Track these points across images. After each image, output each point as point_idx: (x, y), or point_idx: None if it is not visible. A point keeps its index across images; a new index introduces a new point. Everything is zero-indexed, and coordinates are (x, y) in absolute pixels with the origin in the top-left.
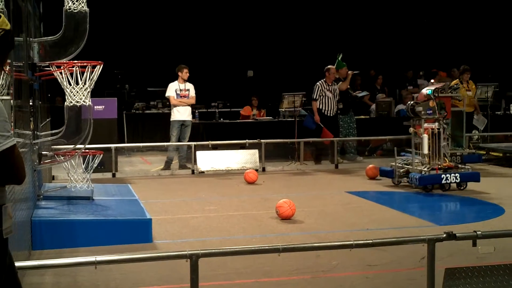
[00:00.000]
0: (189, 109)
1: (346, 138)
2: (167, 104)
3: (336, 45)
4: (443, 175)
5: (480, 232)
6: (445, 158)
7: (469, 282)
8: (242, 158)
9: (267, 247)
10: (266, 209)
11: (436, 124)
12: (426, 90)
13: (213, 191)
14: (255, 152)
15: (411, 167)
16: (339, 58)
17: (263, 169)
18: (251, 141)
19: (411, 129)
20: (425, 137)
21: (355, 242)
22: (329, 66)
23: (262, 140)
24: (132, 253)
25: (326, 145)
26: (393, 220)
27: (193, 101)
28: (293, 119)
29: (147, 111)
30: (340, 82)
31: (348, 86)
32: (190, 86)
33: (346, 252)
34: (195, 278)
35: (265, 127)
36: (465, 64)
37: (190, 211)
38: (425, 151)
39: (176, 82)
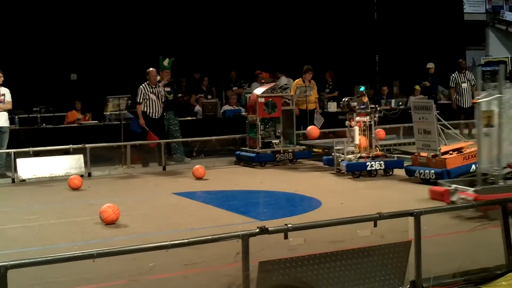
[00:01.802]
0: (5, 114)
1: (173, 140)
2: None
3: (160, 48)
4: (368, 163)
5: (290, 225)
6: (376, 148)
7: (281, 274)
8: (67, 164)
9: (80, 254)
10: (90, 215)
11: (368, 117)
12: (260, 90)
13: (35, 199)
14: (80, 157)
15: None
16: (165, 62)
17: (89, 174)
18: (75, 146)
19: (347, 122)
20: (356, 128)
21: (171, 242)
22: (149, 69)
23: (87, 145)
24: None
25: (153, 148)
26: (218, 218)
27: (9, 106)
28: (119, 123)
29: None
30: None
31: (168, 89)
32: (5, 90)
33: (164, 253)
34: None
35: (91, 131)
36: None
37: (9, 222)
38: (356, 141)
39: None
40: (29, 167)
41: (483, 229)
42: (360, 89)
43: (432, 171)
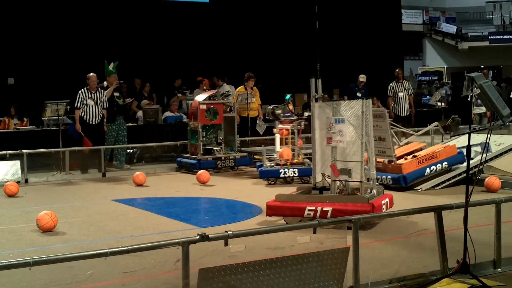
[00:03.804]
0: None
1: (112, 146)
2: None
3: (101, 52)
4: (281, 170)
5: (231, 232)
6: (299, 155)
7: (222, 281)
8: (3, 170)
9: (16, 262)
10: (26, 222)
11: (291, 125)
12: (202, 97)
13: None
14: (16, 163)
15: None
16: (110, 67)
17: (26, 181)
18: (11, 151)
19: (274, 130)
20: (278, 136)
21: (110, 250)
22: (89, 74)
23: (24, 151)
24: None
25: (92, 154)
26: (159, 225)
27: None
28: (57, 128)
29: None
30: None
31: (117, 94)
32: None
33: (103, 261)
34: None
35: (28, 136)
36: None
37: None
38: (277, 148)
39: None
40: None
41: (418, 235)
42: (286, 97)
43: (389, 176)
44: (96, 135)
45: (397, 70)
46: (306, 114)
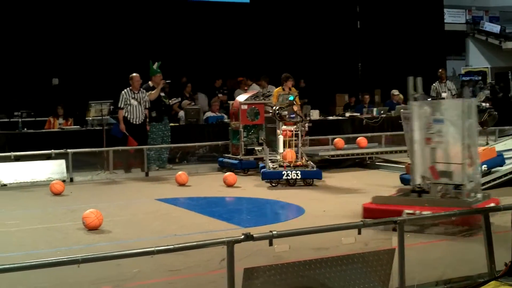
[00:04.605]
0: None
1: (156, 145)
2: None
3: (146, 52)
4: (284, 172)
5: (275, 232)
6: (303, 157)
7: (266, 280)
8: (49, 169)
9: (65, 259)
10: (72, 220)
11: (295, 127)
12: (243, 97)
13: (16, 204)
14: (62, 163)
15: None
16: (154, 66)
17: (71, 180)
18: (57, 151)
19: (278, 131)
20: (281, 137)
21: (156, 248)
22: (132, 74)
23: (69, 150)
24: None
25: (135, 153)
26: (202, 225)
27: None
28: (101, 128)
29: None
30: (150, 91)
31: (162, 94)
32: None
33: (149, 259)
34: None
35: (72, 136)
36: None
37: None
38: (280, 150)
39: None
40: (11, 172)
41: (466, 237)
42: (290, 98)
43: None
44: (139, 135)
45: (440, 70)
46: (347, 114)
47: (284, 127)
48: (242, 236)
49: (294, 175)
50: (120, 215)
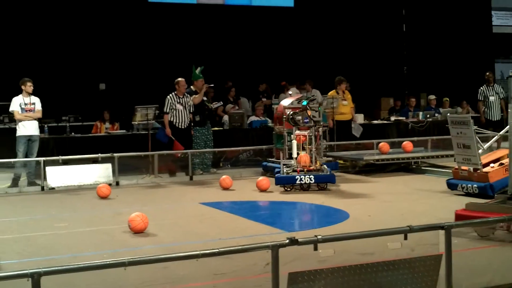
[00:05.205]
0: (35, 123)
1: (200, 149)
2: (14, 119)
3: (190, 57)
4: (297, 176)
5: (320, 237)
6: (317, 162)
7: (311, 285)
8: (95, 173)
9: (112, 262)
10: (118, 223)
11: (308, 131)
12: (287, 101)
13: (64, 207)
14: (108, 166)
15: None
16: (197, 71)
17: (117, 183)
18: (103, 155)
19: (292, 136)
20: (294, 142)
21: (202, 252)
22: (178, 79)
23: (115, 154)
24: None
25: (180, 158)
26: (245, 229)
27: (39, 115)
28: (146, 132)
29: None
30: (194, 96)
31: (205, 98)
32: (35, 99)
33: (194, 262)
34: None
35: (118, 140)
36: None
37: (38, 229)
38: (294, 154)
39: (20, 96)
40: (58, 175)
41: None
42: (303, 103)
43: (475, 185)
44: (184, 139)
45: (487, 73)
46: (392, 118)
47: (297, 131)
48: (287, 241)
49: (307, 180)
50: (165, 218)
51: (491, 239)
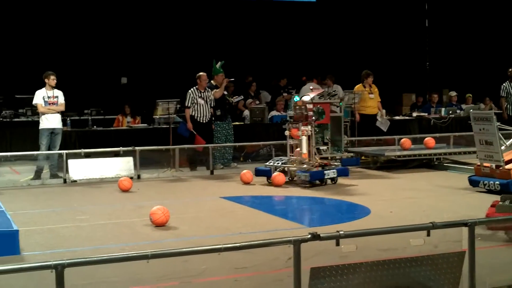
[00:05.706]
0: (58, 116)
1: (221, 144)
2: (37, 112)
3: (211, 52)
4: (325, 171)
5: (342, 232)
6: (316, 157)
7: (333, 280)
8: (117, 166)
9: (134, 254)
10: (140, 216)
11: (309, 127)
12: (305, 97)
13: (86, 200)
14: (129, 160)
15: (290, 165)
16: (217, 65)
17: (138, 177)
18: (125, 148)
19: (287, 132)
20: (304, 138)
21: (223, 245)
22: (200, 73)
23: (137, 148)
24: None
25: (201, 152)
26: (266, 223)
27: (62, 108)
28: (167, 126)
29: (16, 119)
30: (214, 90)
31: (225, 92)
32: (58, 93)
33: (215, 256)
34: None
35: (140, 134)
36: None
37: (60, 221)
38: (304, 150)
39: (43, 89)
40: (80, 168)
41: None
42: (295, 99)
43: (497, 182)
44: (206, 133)
45: (510, 69)
46: (414, 114)
47: (302, 127)
48: (309, 236)
49: (332, 174)
50: (186, 212)
51: None
